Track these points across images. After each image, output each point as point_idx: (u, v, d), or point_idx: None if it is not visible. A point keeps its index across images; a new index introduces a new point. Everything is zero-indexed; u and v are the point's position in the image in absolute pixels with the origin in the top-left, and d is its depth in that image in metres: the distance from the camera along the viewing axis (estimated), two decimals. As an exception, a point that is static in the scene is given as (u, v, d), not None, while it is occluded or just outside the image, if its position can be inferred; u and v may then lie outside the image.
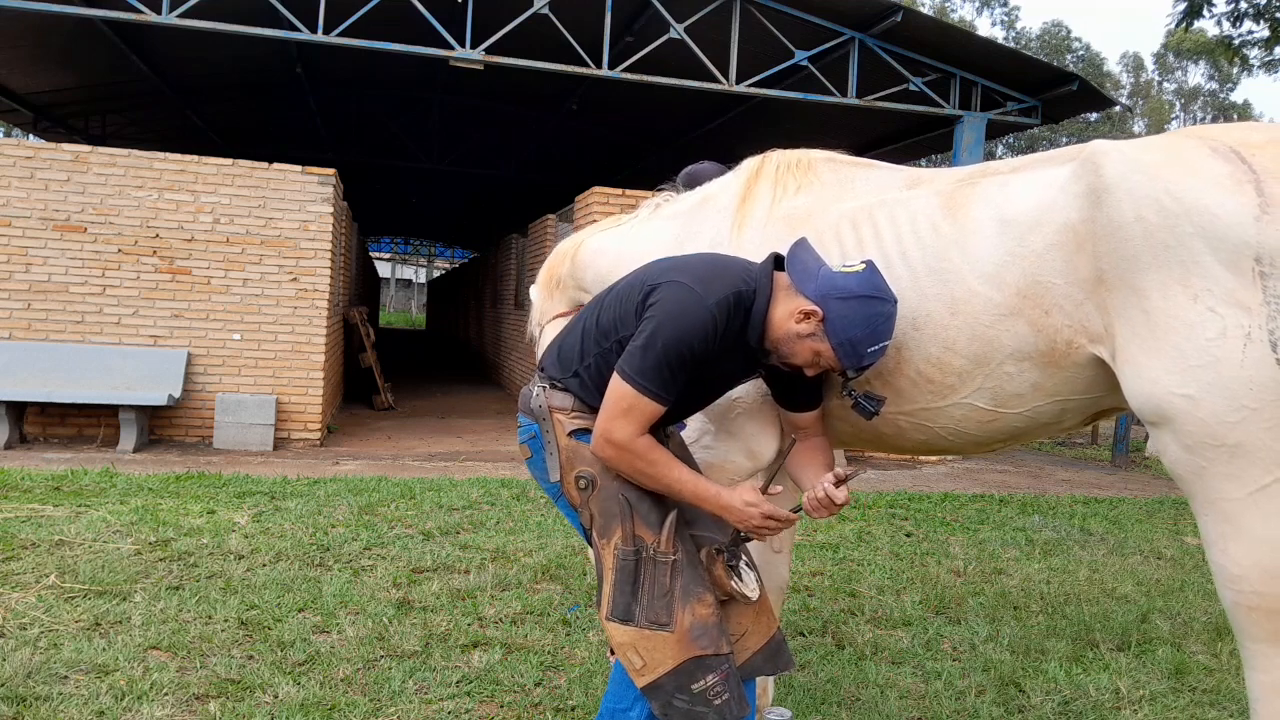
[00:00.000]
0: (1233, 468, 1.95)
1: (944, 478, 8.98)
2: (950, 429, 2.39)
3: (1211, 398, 1.95)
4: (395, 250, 46.38)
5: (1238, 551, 1.97)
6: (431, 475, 7.46)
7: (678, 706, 2.10)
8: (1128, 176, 2.07)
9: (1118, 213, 2.07)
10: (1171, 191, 2.01)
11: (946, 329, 2.29)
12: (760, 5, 9.55)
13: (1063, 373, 2.22)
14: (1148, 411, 2.07)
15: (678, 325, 2.09)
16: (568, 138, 16.58)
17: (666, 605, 2.12)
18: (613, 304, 2.27)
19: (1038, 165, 2.34)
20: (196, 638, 3.58)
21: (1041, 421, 2.33)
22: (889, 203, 2.47)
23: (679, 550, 2.17)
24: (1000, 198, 2.30)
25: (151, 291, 8.48)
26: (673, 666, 2.10)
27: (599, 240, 3.00)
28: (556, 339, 2.42)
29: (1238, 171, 1.98)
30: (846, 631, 4.10)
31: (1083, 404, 2.29)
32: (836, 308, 2.12)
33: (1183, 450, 2.02)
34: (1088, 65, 39.24)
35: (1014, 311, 2.21)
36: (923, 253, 2.34)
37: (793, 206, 2.60)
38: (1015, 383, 2.26)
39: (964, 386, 2.31)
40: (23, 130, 17.67)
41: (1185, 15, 11.66)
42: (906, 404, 2.39)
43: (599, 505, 2.21)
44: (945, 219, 2.35)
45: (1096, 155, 2.15)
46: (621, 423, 2.10)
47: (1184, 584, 5.12)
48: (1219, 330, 1.95)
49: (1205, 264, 1.96)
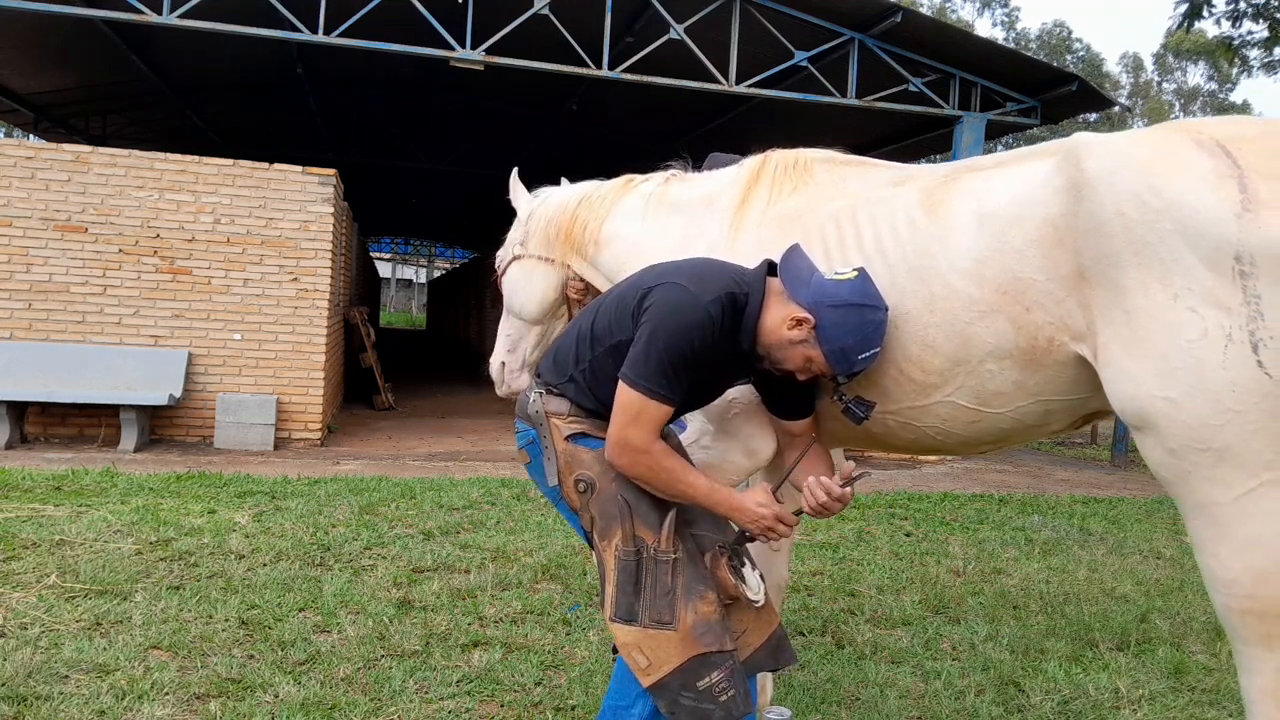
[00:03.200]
0: (1218, 472, 1.91)
1: (943, 478, 8.98)
2: (936, 428, 2.37)
3: (1194, 401, 1.91)
4: (395, 250, 46.38)
5: (1227, 555, 1.94)
6: (432, 475, 7.47)
7: (684, 704, 2.11)
8: (1109, 171, 2.03)
9: (1098, 208, 2.02)
10: (1153, 186, 1.96)
11: (926, 327, 2.27)
12: (760, 6, 9.55)
13: (1045, 371, 2.19)
14: (1130, 415, 2.03)
15: (676, 324, 2.11)
16: (568, 138, 16.57)
17: (669, 604, 2.13)
18: (609, 309, 2.28)
19: (1022, 160, 2.30)
20: (197, 637, 3.59)
21: (1027, 423, 2.30)
22: (871, 200, 2.46)
23: (679, 549, 2.18)
24: (981, 193, 2.27)
25: (152, 291, 8.49)
26: (677, 665, 2.11)
27: (617, 226, 2.98)
28: (553, 344, 2.43)
29: (1221, 166, 1.92)
30: (846, 631, 4.10)
31: (1068, 405, 2.25)
32: (829, 315, 2.14)
33: (1167, 454, 1.98)
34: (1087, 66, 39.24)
35: (994, 308, 2.18)
36: (901, 250, 2.32)
37: (785, 208, 2.60)
38: (997, 381, 2.23)
39: (946, 385, 2.29)
40: (23, 130, 17.68)
41: (1186, 16, 11.67)
42: (891, 403, 2.38)
43: (599, 507, 2.22)
44: (925, 215, 2.33)
45: (1078, 149, 2.10)
46: (634, 429, 2.12)
47: (1183, 583, 5.13)
48: (1200, 331, 1.90)
49: (1186, 262, 1.92)
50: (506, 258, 3.26)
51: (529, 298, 3.18)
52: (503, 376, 3.27)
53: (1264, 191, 1.88)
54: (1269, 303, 1.85)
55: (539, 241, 3.17)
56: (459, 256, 41.06)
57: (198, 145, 15.35)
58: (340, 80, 14.22)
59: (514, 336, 3.26)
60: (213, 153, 9.67)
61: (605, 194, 3.07)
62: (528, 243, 3.20)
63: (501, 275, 3.29)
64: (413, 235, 40.56)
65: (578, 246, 3.06)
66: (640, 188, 3.05)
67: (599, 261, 3.02)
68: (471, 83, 11.40)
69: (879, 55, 9.88)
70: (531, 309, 3.19)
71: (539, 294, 3.17)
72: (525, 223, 3.24)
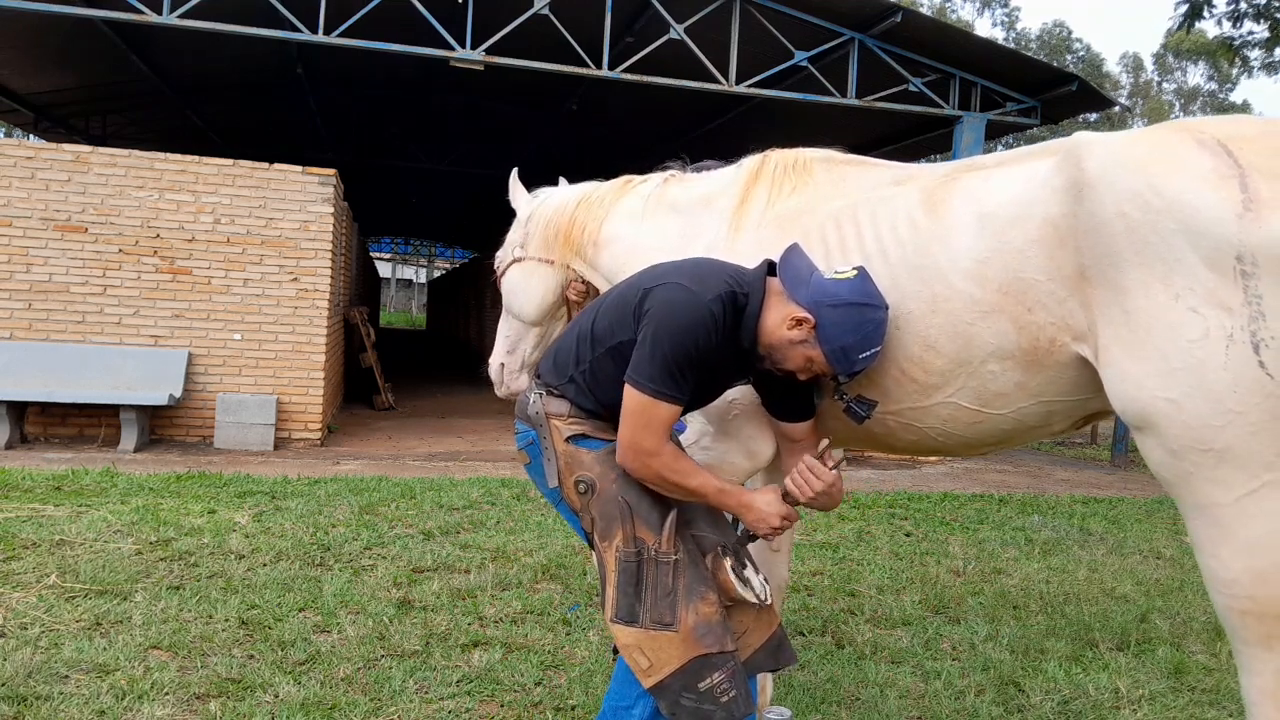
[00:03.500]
0: (1219, 472, 1.91)
1: (943, 477, 8.98)
2: (938, 429, 2.37)
3: (1195, 402, 1.90)
4: (395, 250, 46.37)
5: (1228, 556, 1.93)
6: (432, 475, 7.47)
7: (685, 705, 2.11)
8: (1110, 170, 2.02)
9: (1099, 208, 2.02)
10: (1154, 186, 1.95)
11: (928, 327, 2.26)
12: (760, 6, 9.55)
13: (1047, 372, 2.18)
14: (1131, 415, 2.02)
15: (679, 324, 2.11)
16: (568, 138, 16.57)
17: (670, 605, 2.13)
18: (609, 310, 2.28)
19: (1022, 159, 2.30)
20: (197, 637, 3.59)
21: (1029, 424, 2.29)
22: (872, 200, 2.45)
23: (680, 550, 2.18)
24: (981, 192, 2.27)
25: (152, 291, 8.49)
26: (678, 666, 2.11)
27: (616, 227, 2.98)
28: (553, 345, 2.43)
29: (1222, 166, 1.92)
30: (846, 631, 4.10)
31: (1069, 406, 2.24)
32: (828, 314, 2.14)
33: (1168, 455, 1.98)
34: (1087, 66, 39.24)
35: (996, 309, 2.18)
36: (902, 250, 2.32)
37: (785, 208, 2.60)
38: (999, 382, 2.23)
39: (948, 386, 2.28)
40: (23, 130, 17.68)
41: (1187, 16, 11.67)
42: (892, 404, 2.37)
43: (599, 509, 2.22)
44: (925, 215, 2.32)
45: (1079, 148, 2.10)
46: (645, 432, 2.13)
47: (1183, 583, 5.13)
48: (1201, 331, 1.89)
49: (1187, 262, 1.91)
50: (506, 259, 3.26)
51: (528, 299, 3.18)
52: (502, 377, 3.26)
53: (1265, 191, 1.87)
54: (1270, 303, 1.84)
55: (539, 243, 3.16)
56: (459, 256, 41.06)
57: (198, 145, 15.35)
58: (340, 80, 14.21)
59: (513, 338, 3.25)
60: (213, 153, 9.67)
61: (604, 195, 3.07)
62: (527, 244, 3.19)
63: (501, 276, 3.28)
64: (413, 235, 40.56)
65: (577, 248, 3.06)
66: (639, 188, 3.05)
67: (598, 262, 3.02)
68: (471, 83, 11.40)
69: (879, 55, 9.88)
70: (531, 310, 3.18)
71: (539, 295, 3.17)
72: (524, 224, 3.24)
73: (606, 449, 2.25)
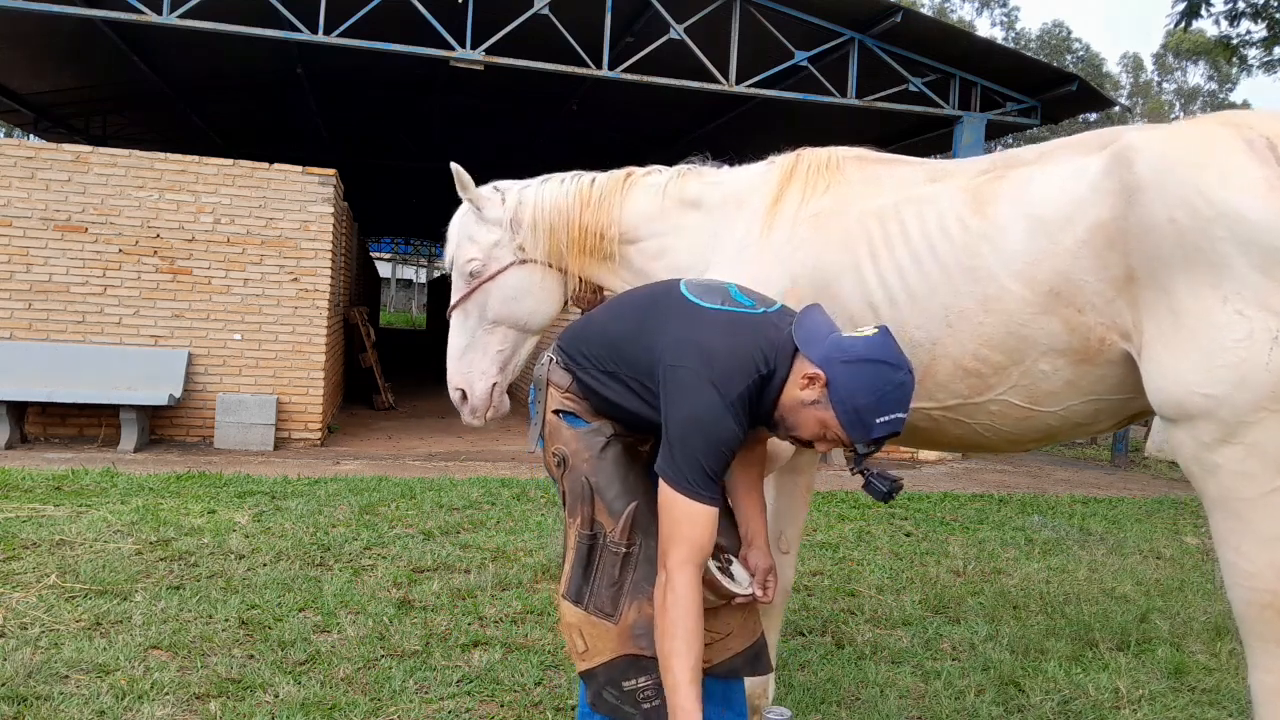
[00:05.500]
0: (1248, 466, 1.97)
1: (943, 477, 8.98)
2: (986, 425, 2.40)
3: (1233, 398, 1.97)
4: (395, 250, 46.34)
5: (1251, 549, 1.98)
6: (432, 475, 7.47)
7: (606, 700, 2.11)
8: (1161, 175, 2.06)
9: (1149, 213, 2.06)
10: (1204, 194, 2.01)
11: (981, 325, 2.29)
12: (760, 5, 9.55)
13: (1096, 370, 2.23)
14: (1168, 407, 2.08)
15: (707, 434, 1.98)
16: (568, 138, 16.56)
17: (613, 596, 2.13)
18: (630, 333, 2.18)
19: (1064, 154, 2.32)
20: (197, 637, 3.59)
21: (1075, 421, 2.34)
22: (914, 199, 2.46)
23: (636, 544, 2.15)
24: (1028, 193, 2.29)
25: (152, 291, 8.49)
26: (609, 659, 2.11)
27: (634, 228, 2.89)
28: (581, 319, 2.36)
29: (1272, 175, 1.98)
30: (846, 631, 4.10)
31: (1116, 405, 2.29)
32: (841, 371, 1.95)
33: (1199, 448, 2.04)
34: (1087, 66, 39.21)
35: (1047, 309, 2.22)
36: (953, 249, 2.34)
37: (819, 206, 2.60)
38: (1050, 380, 2.27)
39: (1000, 383, 2.32)
40: (24, 130, 17.68)
41: (1184, 15, 11.65)
42: (943, 400, 2.40)
43: (569, 484, 2.23)
44: (973, 215, 2.34)
45: (1129, 151, 2.13)
46: (675, 544, 1.97)
47: (1183, 584, 5.13)
48: (1246, 332, 1.96)
49: (1236, 267, 1.98)
50: (502, 261, 2.96)
51: (538, 306, 2.97)
52: (491, 399, 3.02)
53: None
54: None
55: (546, 247, 2.94)
56: (459, 256, 40.93)
57: (198, 145, 15.34)
58: (340, 80, 14.20)
59: (507, 352, 3.01)
60: (213, 153, 9.67)
61: (608, 193, 2.92)
62: (528, 246, 2.95)
63: (488, 280, 2.96)
64: (412, 235, 40.51)
65: (593, 251, 2.91)
66: (646, 181, 2.94)
67: (619, 268, 2.93)
68: (471, 83, 11.39)
69: (879, 55, 9.88)
70: (540, 319, 3.00)
71: (552, 301, 2.99)
72: (510, 226, 2.96)
73: (588, 429, 2.23)
